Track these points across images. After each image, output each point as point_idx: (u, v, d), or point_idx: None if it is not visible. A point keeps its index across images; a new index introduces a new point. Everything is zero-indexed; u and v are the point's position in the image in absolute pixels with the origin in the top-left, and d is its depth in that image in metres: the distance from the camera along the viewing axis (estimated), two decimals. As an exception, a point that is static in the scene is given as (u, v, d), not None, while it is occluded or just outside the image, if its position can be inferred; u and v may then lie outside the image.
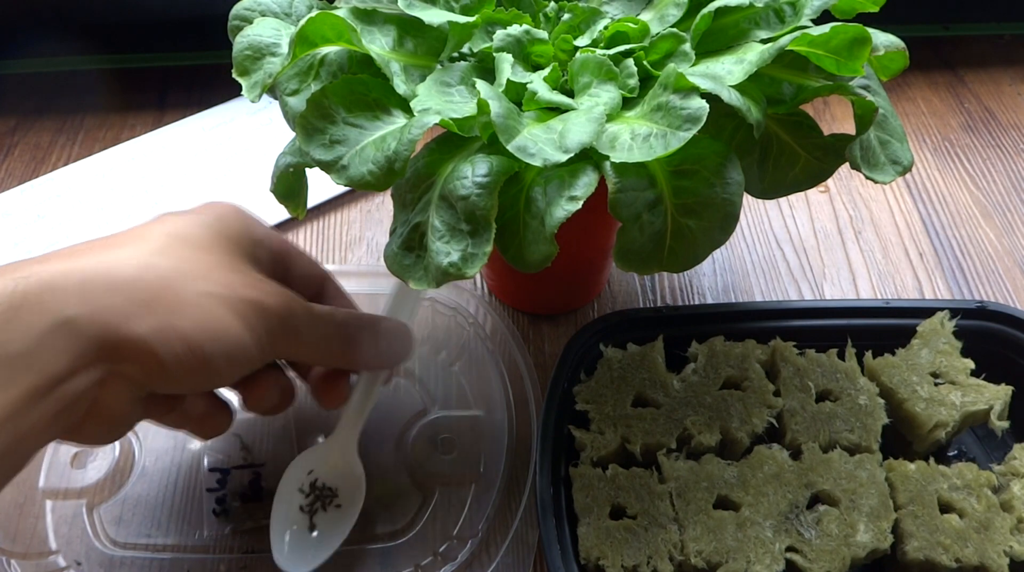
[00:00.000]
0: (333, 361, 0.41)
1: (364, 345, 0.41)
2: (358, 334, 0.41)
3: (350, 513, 0.45)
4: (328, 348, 0.40)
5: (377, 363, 0.43)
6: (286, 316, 0.37)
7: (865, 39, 0.36)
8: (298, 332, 0.37)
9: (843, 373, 0.47)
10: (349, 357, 0.41)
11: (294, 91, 0.39)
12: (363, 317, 0.42)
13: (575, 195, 0.35)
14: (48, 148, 0.70)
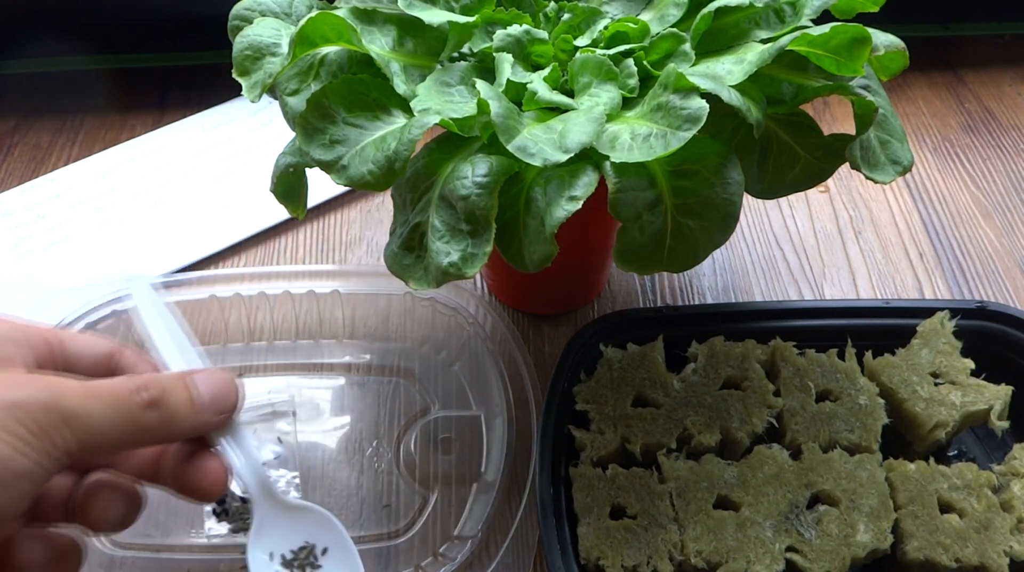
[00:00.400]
0: (145, 438, 0.34)
1: (177, 408, 0.34)
2: (163, 398, 0.34)
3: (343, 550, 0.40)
4: (132, 425, 0.33)
5: (203, 422, 0.36)
6: (54, 402, 0.31)
7: (865, 39, 0.36)
8: (79, 416, 0.31)
9: (843, 373, 0.47)
10: (164, 428, 0.34)
11: (294, 91, 0.39)
12: (162, 377, 0.35)
13: (575, 195, 0.35)
14: (48, 148, 0.70)
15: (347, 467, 0.49)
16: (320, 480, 0.48)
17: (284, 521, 0.39)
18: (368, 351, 0.54)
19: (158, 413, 0.34)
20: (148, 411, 0.33)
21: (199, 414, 0.35)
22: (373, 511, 0.47)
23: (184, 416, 0.35)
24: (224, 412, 0.36)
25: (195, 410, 0.35)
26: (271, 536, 0.39)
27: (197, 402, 0.35)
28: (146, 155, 0.68)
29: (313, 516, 0.39)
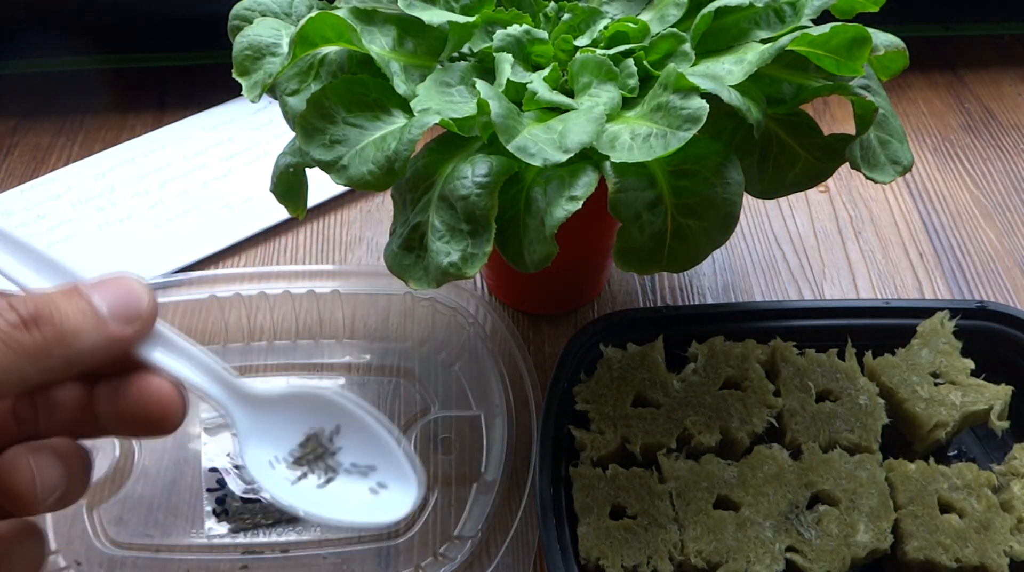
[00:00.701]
0: (31, 370, 0.26)
1: (69, 322, 0.27)
2: (43, 313, 0.27)
3: (355, 421, 0.32)
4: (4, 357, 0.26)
5: (112, 335, 0.28)
6: None
7: (865, 39, 0.36)
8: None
9: (843, 373, 0.47)
10: (56, 351, 0.27)
11: (294, 91, 0.39)
12: (36, 293, 0.28)
13: (575, 195, 0.35)
14: (48, 148, 0.70)
15: (347, 467, 0.49)
16: (320, 480, 0.48)
17: (271, 417, 0.31)
18: (368, 351, 0.54)
19: (40, 333, 0.26)
20: (22, 332, 0.26)
21: (103, 326, 0.28)
22: (373, 511, 0.47)
23: (82, 330, 0.27)
24: (135, 319, 0.29)
25: (97, 321, 0.28)
26: (264, 441, 0.31)
27: (97, 312, 0.28)
28: (146, 155, 0.68)
29: (303, 399, 0.32)
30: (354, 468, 0.32)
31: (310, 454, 0.32)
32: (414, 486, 0.31)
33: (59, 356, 0.27)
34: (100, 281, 0.29)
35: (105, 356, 0.28)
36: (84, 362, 0.28)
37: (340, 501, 0.31)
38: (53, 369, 0.27)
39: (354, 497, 0.31)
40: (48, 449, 0.28)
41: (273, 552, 0.45)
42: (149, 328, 0.29)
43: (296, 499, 0.31)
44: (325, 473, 0.32)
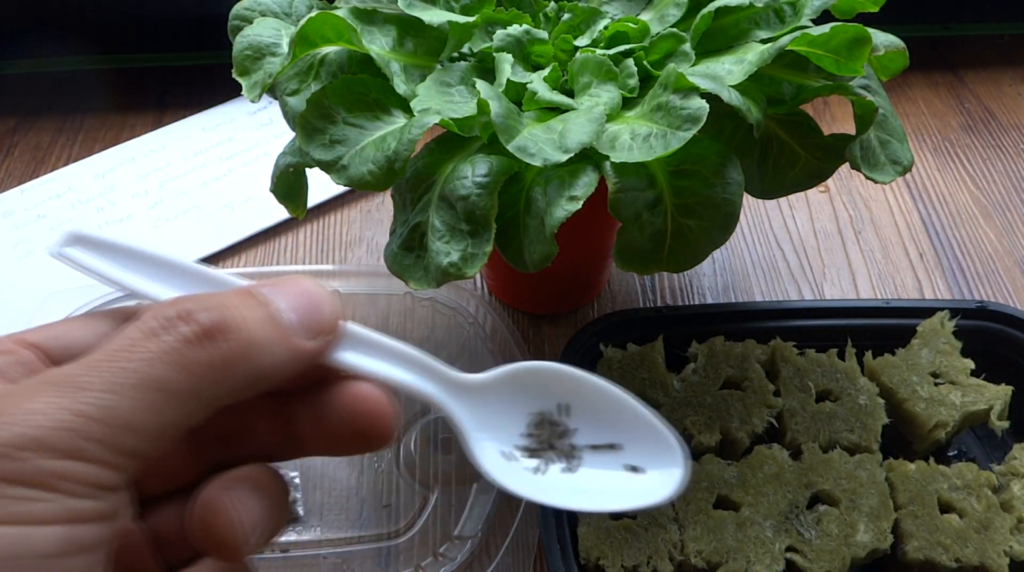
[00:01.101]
0: (212, 393, 0.22)
1: (250, 331, 0.23)
2: (223, 321, 0.22)
3: (585, 392, 0.28)
4: (184, 379, 0.21)
5: (298, 350, 0.24)
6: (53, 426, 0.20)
7: (865, 39, 0.36)
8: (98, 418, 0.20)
9: (843, 373, 0.47)
10: (238, 368, 0.22)
11: (294, 91, 0.39)
12: (209, 296, 0.23)
13: (575, 195, 0.35)
14: (48, 148, 0.70)
15: (347, 467, 0.49)
16: (320, 480, 0.48)
17: (492, 406, 0.28)
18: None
19: (221, 348, 0.22)
20: (200, 348, 0.21)
21: (287, 338, 0.23)
22: (373, 511, 0.47)
23: (266, 343, 0.22)
24: (320, 332, 0.24)
25: (282, 332, 0.23)
26: (491, 434, 0.28)
27: (281, 321, 0.23)
28: (146, 155, 0.68)
29: (522, 378, 0.28)
30: (595, 449, 0.28)
31: (543, 441, 0.28)
32: (677, 456, 0.27)
33: (242, 375, 0.22)
34: (277, 284, 0.24)
35: (288, 373, 0.23)
36: (266, 381, 0.23)
37: (594, 488, 0.27)
38: (234, 391, 0.22)
39: (608, 481, 0.27)
40: (244, 482, 0.24)
41: (273, 552, 0.45)
42: (335, 339, 0.25)
43: (548, 494, 0.27)
44: (565, 459, 0.27)
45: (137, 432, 0.20)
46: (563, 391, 0.28)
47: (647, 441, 0.27)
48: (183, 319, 0.22)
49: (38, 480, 0.19)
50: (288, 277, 0.25)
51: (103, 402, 0.20)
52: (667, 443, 0.27)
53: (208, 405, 0.22)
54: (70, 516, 0.20)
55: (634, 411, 0.27)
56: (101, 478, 0.20)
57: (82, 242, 0.26)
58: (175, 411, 0.21)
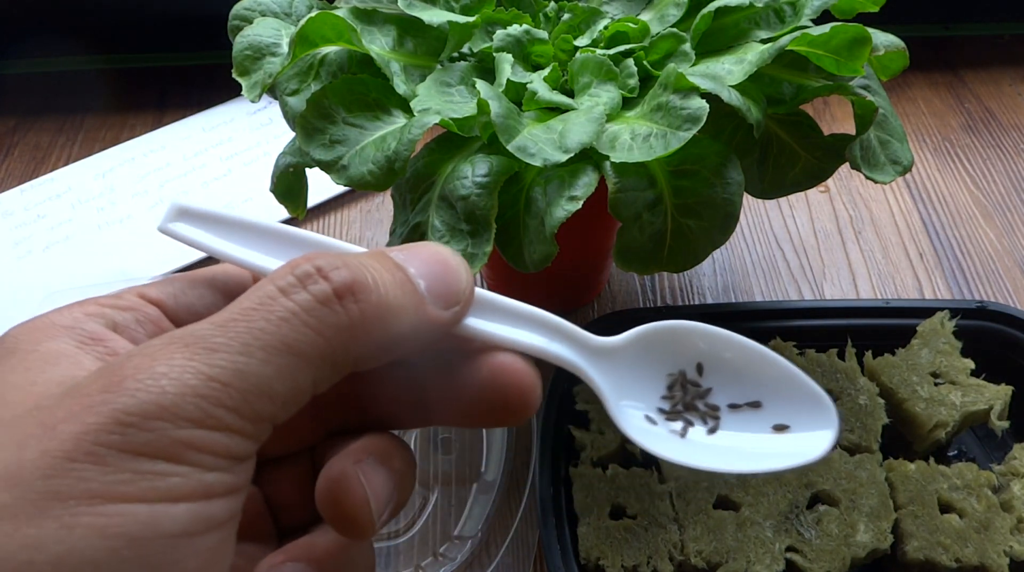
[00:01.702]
0: (349, 354, 0.21)
1: (385, 294, 0.21)
2: (359, 279, 0.21)
3: (717, 346, 0.27)
4: (321, 340, 0.20)
5: (433, 320, 0.22)
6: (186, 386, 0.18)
7: (865, 39, 0.36)
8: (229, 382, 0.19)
9: (843, 373, 0.47)
10: (375, 331, 0.21)
11: (294, 91, 0.39)
12: (340, 254, 0.21)
13: (575, 195, 0.35)
14: (48, 148, 0.70)
15: (347, 467, 0.49)
16: (320, 480, 0.48)
17: (629, 369, 0.26)
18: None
19: (356, 308, 0.20)
20: (335, 308, 0.20)
21: (422, 305, 0.22)
22: (373, 511, 0.47)
23: (403, 308, 0.21)
24: (455, 302, 0.23)
25: (417, 299, 0.22)
26: (631, 398, 0.26)
27: (417, 287, 0.22)
28: (146, 155, 0.68)
29: (656, 339, 0.26)
30: (735, 409, 0.26)
31: (682, 401, 0.26)
32: (827, 412, 0.25)
33: (375, 341, 0.21)
34: (410, 250, 0.23)
35: (420, 342, 0.22)
36: (398, 349, 0.22)
37: (740, 449, 0.26)
38: (364, 357, 0.21)
39: (753, 441, 0.26)
40: (372, 455, 0.23)
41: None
42: (467, 311, 0.23)
43: (695, 456, 0.25)
44: (707, 420, 0.26)
45: (271, 397, 0.19)
46: (699, 349, 0.26)
47: (792, 398, 0.26)
48: (318, 275, 0.20)
49: (169, 452, 0.18)
50: (421, 243, 0.23)
51: (237, 365, 0.19)
52: (815, 399, 0.25)
53: (339, 370, 0.21)
54: (203, 491, 0.18)
55: (777, 366, 0.26)
56: (233, 448, 0.19)
57: (189, 215, 0.25)
58: (307, 375, 0.20)
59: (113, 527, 0.17)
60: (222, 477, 0.19)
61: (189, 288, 0.25)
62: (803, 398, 0.26)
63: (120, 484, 0.17)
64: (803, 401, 0.26)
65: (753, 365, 0.26)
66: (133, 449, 0.18)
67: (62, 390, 0.19)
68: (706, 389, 0.27)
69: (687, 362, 0.27)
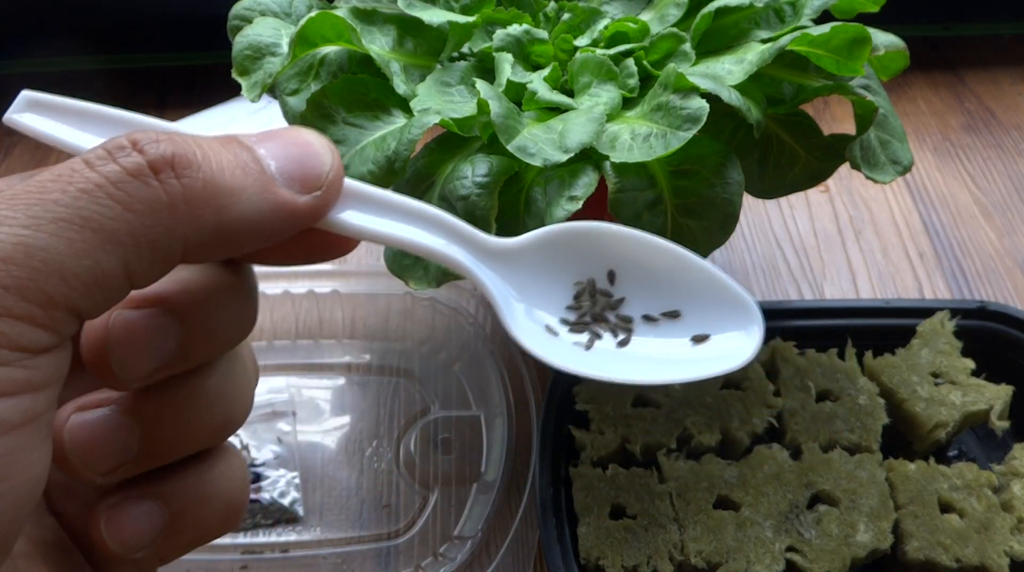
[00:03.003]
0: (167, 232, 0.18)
1: (219, 170, 0.19)
2: (183, 155, 0.18)
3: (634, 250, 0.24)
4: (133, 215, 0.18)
5: (285, 204, 0.20)
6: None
7: (865, 39, 0.36)
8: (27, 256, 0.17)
9: (843, 373, 0.47)
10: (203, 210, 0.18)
11: (294, 91, 0.39)
12: (169, 132, 0.19)
13: (575, 195, 0.35)
14: (48, 148, 0.70)
15: (347, 467, 0.49)
16: (320, 480, 0.48)
17: (529, 274, 0.24)
18: (368, 351, 0.54)
19: (176, 184, 0.18)
20: (147, 182, 0.18)
21: (270, 187, 0.19)
22: (373, 511, 0.47)
23: (241, 189, 0.19)
24: (314, 186, 0.20)
25: (263, 180, 0.19)
26: (530, 305, 0.24)
27: (264, 167, 0.19)
28: (146, 155, 0.68)
29: (561, 242, 0.24)
30: (650, 319, 0.24)
31: (589, 312, 0.24)
32: (750, 314, 0.23)
33: (209, 225, 0.18)
34: (268, 133, 0.20)
35: (274, 231, 0.20)
36: (246, 237, 0.19)
37: (654, 358, 0.23)
38: (201, 243, 0.18)
39: (669, 350, 0.24)
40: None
41: (273, 552, 0.45)
42: (333, 200, 0.21)
43: (601, 368, 0.23)
44: (618, 332, 0.24)
45: (63, 276, 0.16)
46: (610, 255, 0.24)
47: (714, 304, 0.24)
48: (132, 148, 0.18)
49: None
50: (284, 127, 0.21)
51: (20, 238, 0.16)
52: (738, 303, 0.24)
53: (162, 256, 0.18)
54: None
55: (698, 270, 0.24)
56: (18, 337, 0.16)
57: (39, 106, 0.23)
58: (114, 256, 0.17)
59: None
60: (10, 373, 0.16)
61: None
62: (727, 304, 0.24)
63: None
64: (726, 307, 0.24)
65: (672, 271, 0.24)
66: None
67: None
68: (618, 299, 0.24)
69: (597, 269, 0.24)
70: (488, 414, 0.50)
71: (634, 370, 0.23)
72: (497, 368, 0.51)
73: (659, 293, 0.24)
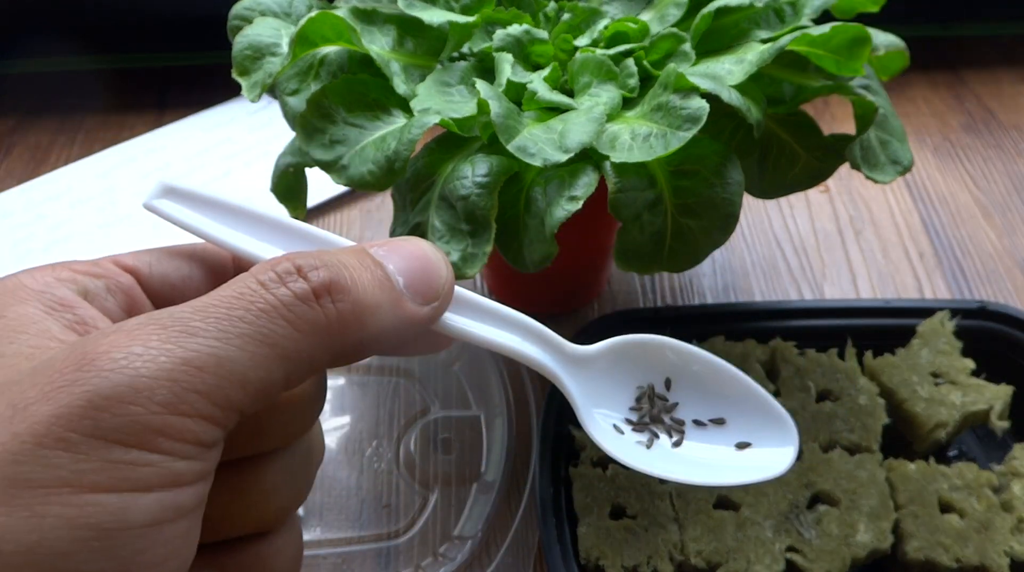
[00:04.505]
0: (327, 353, 0.21)
1: (363, 294, 0.21)
2: (338, 279, 0.21)
3: (688, 363, 0.28)
4: (305, 337, 0.20)
5: (411, 316, 0.22)
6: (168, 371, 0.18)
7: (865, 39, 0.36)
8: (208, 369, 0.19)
9: (843, 373, 0.47)
10: (352, 331, 0.21)
11: (294, 91, 0.39)
12: (318, 252, 0.22)
13: (575, 195, 0.35)
14: (48, 148, 0.70)
15: (347, 467, 0.49)
16: (320, 480, 0.48)
17: (601, 378, 0.27)
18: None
19: (334, 307, 0.20)
20: (313, 306, 0.20)
21: (400, 303, 0.22)
22: (373, 511, 0.47)
23: (380, 306, 0.21)
24: (434, 297, 0.23)
25: (394, 296, 0.22)
26: (601, 406, 0.27)
27: (394, 284, 0.22)
28: (146, 155, 0.68)
29: (628, 351, 0.28)
30: (699, 424, 0.28)
31: (647, 413, 0.27)
32: (789, 432, 0.27)
33: (352, 340, 0.21)
34: (391, 245, 0.23)
35: (398, 339, 0.22)
36: (375, 347, 0.22)
37: (703, 462, 0.27)
38: (341, 355, 0.21)
39: (715, 455, 0.27)
40: None
41: (273, 552, 0.45)
42: (446, 307, 0.24)
43: (660, 467, 0.26)
44: (672, 433, 0.27)
45: (243, 385, 0.19)
46: (668, 364, 0.28)
47: (756, 416, 0.27)
48: (298, 274, 0.20)
49: (140, 440, 0.18)
50: (403, 238, 0.24)
51: (213, 350, 0.19)
52: (777, 419, 0.27)
53: (315, 366, 0.21)
54: (174, 480, 0.18)
55: (743, 386, 0.27)
56: (203, 435, 0.19)
57: (175, 194, 0.25)
58: (281, 368, 0.20)
59: (83, 517, 0.17)
60: (191, 465, 0.19)
61: (166, 258, 0.25)
62: (766, 417, 0.27)
63: (91, 473, 0.17)
64: (766, 419, 0.27)
65: (720, 382, 0.28)
66: (105, 436, 0.17)
67: (32, 365, 0.19)
68: (673, 404, 0.28)
69: (657, 376, 0.28)
70: (488, 414, 0.50)
71: (688, 471, 0.27)
72: (497, 368, 0.51)
73: (708, 401, 0.28)
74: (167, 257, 0.25)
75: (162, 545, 0.18)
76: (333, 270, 0.21)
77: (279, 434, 0.23)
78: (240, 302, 0.20)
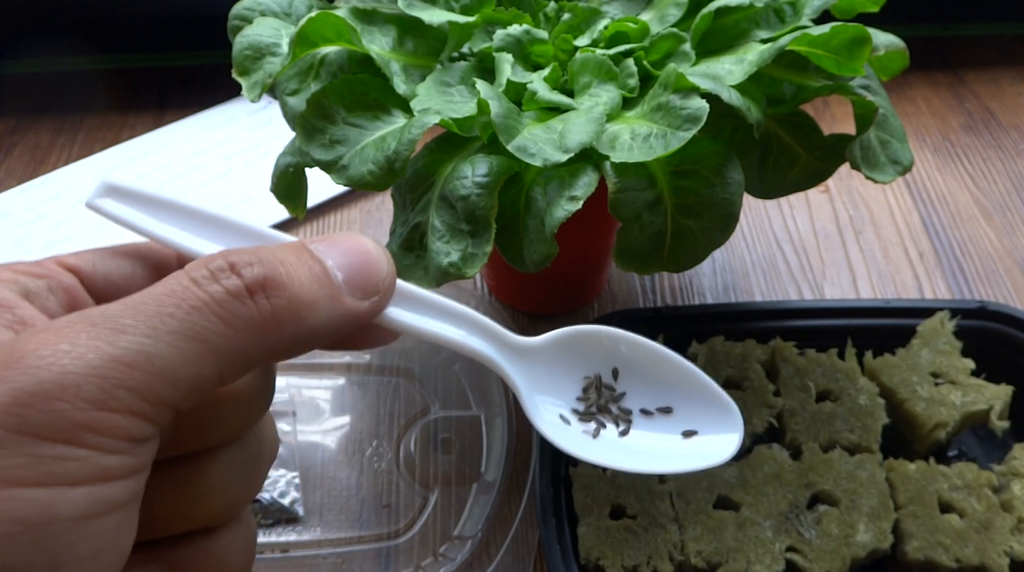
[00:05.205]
0: (261, 350, 0.21)
1: (299, 290, 0.21)
2: (273, 276, 0.21)
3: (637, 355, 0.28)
4: (237, 335, 0.20)
5: (348, 312, 0.23)
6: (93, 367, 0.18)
7: (865, 39, 0.36)
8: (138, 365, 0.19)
9: (843, 373, 0.47)
10: (287, 327, 0.21)
11: (294, 91, 0.39)
12: (254, 249, 0.22)
13: (575, 195, 0.35)
14: (48, 148, 0.70)
15: (347, 467, 0.49)
16: (320, 480, 0.48)
17: (546, 369, 0.28)
18: (368, 351, 0.54)
19: (268, 303, 0.21)
20: (246, 302, 0.20)
21: (338, 298, 0.22)
22: (373, 511, 0.47)
23: (316, 302, 0.21)
24: (374, 292, 0.23)
25: (332, 291, 0.22)
26: (546, 397, 0.27)
27: (333, 279, 0.22)
28: (146, 155, 0.68)
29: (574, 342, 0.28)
30: (646, 413, 0.28)
31: (594, 403, 0.28)
32: (734, 419, 0.27)
33: (289, 336, 0.21)
34: (330, 241, 0.23)
35: (337, 334, 0.22)
36: (314, 342, 0.22)
37: (649, 451, 0.27)
38: (277, 351, 0.21)
39: (662, 444, 0.27)
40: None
41: (272, 552, 0.45)
42: (387, 302, 0.24)
43: (605, 456, 0.27)
44: (619, 423, 0.28)
45: (173, 382, 0.19)
46: (615, 354, 0.28)
47: (702, 404, 0.28)
48: (231, 271, 0.20)
49: (67, 435, 0.18)
50: (343, 233, 0.24)
51: (142, 347, 0.19)
52: (723, 406, 0.27)
53: (248, 363, 0.21)
54: (102, 474, 0.18)
55: (688, 374, 0.28)
56: (133, 430, 0.19)
57: (117, 193, 0.25)
58: (213, 364, 0.20)
59: (10, 512, 0.17)
60: (122, 460, 0.19)
61: (109, 257, 0.25)
62: (712, 405, 0.28)
63: (17, 468, 0.17)
64: (712, 407, 0.28)
65: (667, 371, 0.28)
66: (31, 432, 0.18)
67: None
68: (620, 393, 0.28)
69: (604, 366, 0.28)
70: (488, 414, 0.50)
71: (632, 460, 0.27)
72: (497, 368, 0.51)
73: (655, 390, 0.28)
74: (110, 256, 0.25)
75: (93, 539, 0.18)
76: (268, 266, 0.21)
77: (223, 429, 0.23)
78: (171, 299, 0.20)
